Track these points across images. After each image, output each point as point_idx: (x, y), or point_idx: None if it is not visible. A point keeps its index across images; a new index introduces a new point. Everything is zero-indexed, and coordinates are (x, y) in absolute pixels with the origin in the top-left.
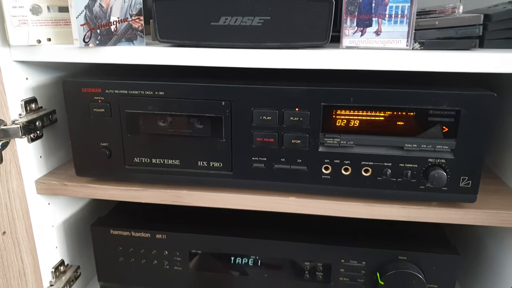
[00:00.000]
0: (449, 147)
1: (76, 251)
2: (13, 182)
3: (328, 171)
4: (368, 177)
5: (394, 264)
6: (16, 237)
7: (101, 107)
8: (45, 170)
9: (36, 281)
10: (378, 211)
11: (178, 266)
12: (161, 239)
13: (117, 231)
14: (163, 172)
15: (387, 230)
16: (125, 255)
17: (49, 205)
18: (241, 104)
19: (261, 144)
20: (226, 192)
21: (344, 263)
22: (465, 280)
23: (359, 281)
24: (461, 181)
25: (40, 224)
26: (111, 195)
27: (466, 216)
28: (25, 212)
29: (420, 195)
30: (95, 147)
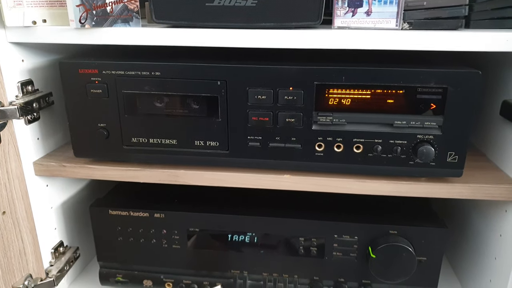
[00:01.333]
0: (436, 123)
1: (75, 233)
2: (12, 163)
3: (321, 149)
4: (359, 154)
5: (385, 238)
6: (16, 217)
7: (98, 88)
8: (42, 152)
9: (36, 260)
10: (369, 186)
11: (176, 245)
12: (159, 218)
13: (115, 212)
14: (160, 152)
15: (378, 206)
16: (124, 235)
17: (47, 187)
18: (236, 83)
19: (256, 123)
20: (223, 171)
21: (337, 238)
22: (451, 253)
23: (351, 255)
24: (448, 156)
25: (39, 205)
26: (109, 175)
27: (452, 190)
28: (24, 192)
29: (409, 170)
30: (93, 128)
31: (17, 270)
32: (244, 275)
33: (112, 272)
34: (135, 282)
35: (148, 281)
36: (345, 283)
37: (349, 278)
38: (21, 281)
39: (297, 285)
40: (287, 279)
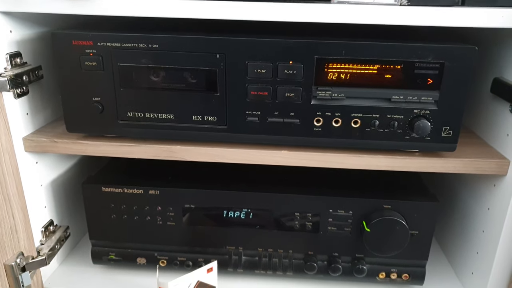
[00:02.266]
0: (433, 98)
1: (65, 212)
2: (2, 137)
3: (319, 124)
4: (357, 129)
5: (379, 212)
6: (7, 193)
7: (93, 61)
8: (31, 128)
9: (27, 238)
10: (365, 161)
11: (171, 222)
12: (154, 195)
13: (109, 189)
14: (157, 126)
15: (372, 182)
16: (117, 212)
17: (36, 164)
18: (236, 57)
19: (255, 98)
20: (220, 147)
21: (332, 212)
22: (438, 229)
23: (346, 229)
24: (443, 131)
25: (28, 183)
26: (103, 151)
27: (446, 165)
28: (14, 168)
29: (405, 145)
30: (87, 102)
31: (8, 248)
32: (239, 251)
33: (105, 251)
34: (128, 260)
35: (142, 259)
36: (339, 258)
37: (343, 252)
38: (12, 259)
39: (291, 260)
40: (282, 254)
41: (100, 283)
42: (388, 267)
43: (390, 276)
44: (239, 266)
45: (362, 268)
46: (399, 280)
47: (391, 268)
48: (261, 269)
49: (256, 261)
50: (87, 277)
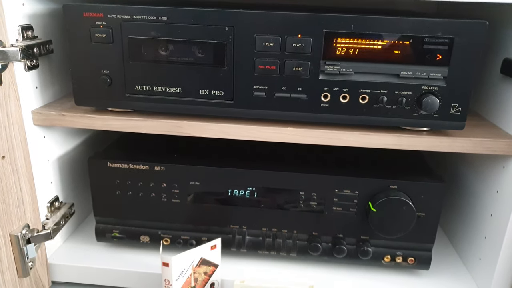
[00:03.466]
0: (442, 74)
1: (71, 189)
2: (12, 107)
3: (327, 99)
4: (365, 105)
5: (386, 192)
6: (15, 164)
7: (102, 33)
8: (41, 102)
9: (34, 211)
10: (373, 139)
11: (176, 199)
12: (159, 171)
13: (115, 164)
14: (164, 100)
15: (378, 162)
16: (123, 188)
17: (44, 139)
18: (244, 30)
19: (263, 72)
20: (226, 123)
21: (337, 192)
22: (445, 211)
23: (351, 210)
24: (452, 108)
25: (36, 157)
26: (110, 125)
27: (454, 144)
28: (23, 139)
29: (413, 122)
30: (96, 74)
31: (15, 218)
32: (243, 230)
33: (109, 228)
34: (132, 238)
35: (145, 237)
36: (344, 239)
37: (347, 234)
38: (18, 230)
39: (295, 241)
40: (286, 234)
41: (104, 260)
42: (394, 250)
43: (396, 260)
44: (243, 245)
45: (367, 250)
46: (404, 264)
47: (396, 252)
48: (264, 250)
49: (260, 241)
50: (91, 254)
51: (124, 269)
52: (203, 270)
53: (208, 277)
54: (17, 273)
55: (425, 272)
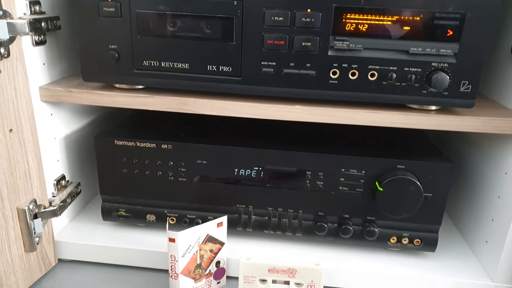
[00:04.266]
0: (452, 51)
1: (77, 168)
2: (19, 80)
3: (335, 76)
4: (373, 82)
5: (393, 172)
6: (23, 138)
7: (110, 7)
8: (48, 79)
9: (41, 187)
10: (380, 117)
11: (182, 177)
12: (166, 149)
13: (121, 142)
14: (172, 76)
15: (385, 142)
16: (129, 166)
17: (51, 116)
18: (253, 4)
19: (271, 47)
20: (233, 100)
21: (344, 172)
22: (449, 194)
23: (357, 190)
24: (462, 85)
25: (43, 134)
26: (117, 102)
27: (462, 123)
28: (30, 114)
29: (422, 100)
30: (103, 49)
31: (22, 193)
32: (249, 209)
33: (115, 207)
34: (138, 217)
35: (152, 215)
36: (350, 220)
37: (354, 214)
38: (26, 204)
39: (301, 221)
40: (292, 214)
41: (110, 238)
42: (400, 231)
43: (402, 241)
44: (249, 225)
45: (373, 231)
46: (410, 246)
47: (403, 233)
48: (270, 229)
49: (266, 221)
50: (97, 233)
51: (130, 247)
52: (209, 248)
53: (214, 254)
54: (24, 247)
55: (431, 254)
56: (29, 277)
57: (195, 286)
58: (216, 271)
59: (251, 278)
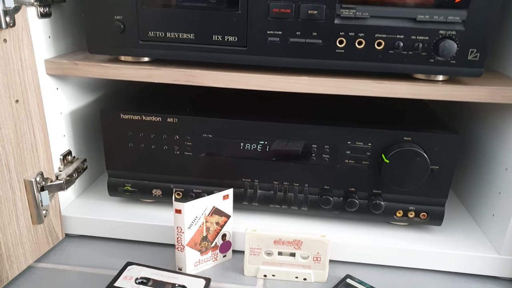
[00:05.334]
0: (460, 18)
1: (83, 145)
2: (25, 51)
3: (342, 45)
4: (380, 51)
5: (399, 144)
6: (29, 110)
7: None
8: (53, 53)
9: (47, 160)
10: (387, 88)
11: (188, 151)
12: (172, 123)
13: (127, 116)
14: (177, 47)
15: (391, 114)
16: (135, 141)
17: (57, 90)
18: None
19: (277, 16)
20: (239, 72)
21: (350, 145)
22: (457, 167)
23: (363, 163)
24: (469, 54)
25: (49, 108)
26: (123, 74)
27: (470, 93)
28: (36, 86)
29: (429, 69)
30: (109, 20)
31: (29, 165)
32: (255, 184)
33: (121, 182)
34: (144, 192)
35: (158, 190)
36: (355, 193)
37: (359, 187)
38: (32, 176)
39: (307, 195)
40: (297, 188)
41: (116, 213)
42: (406, 205)
43: (408, 215)
44: (254, 199)
45: (379, 204)
46: (416, 220)
47: (409, 206)
48: (276, 203)
49: (271, 195)
50: (104, 209)
51: (137, 222)
52: (215, 220)
53: (220, 227)
54: (31, 219)
55: (437, 229)
56: (36, 250)
57: (201, 258)
58: (222, 244)
59: (257, 250)
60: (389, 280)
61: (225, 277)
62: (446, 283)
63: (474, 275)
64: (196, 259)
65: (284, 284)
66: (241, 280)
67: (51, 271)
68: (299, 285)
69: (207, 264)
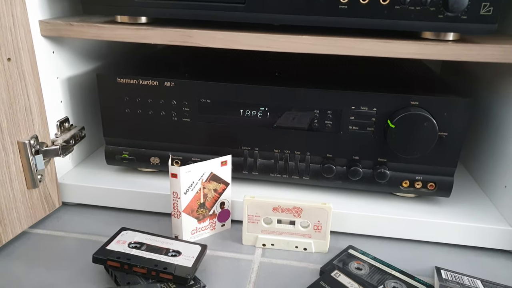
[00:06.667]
0: None
1: (81, 114)
2: (17, 8)
3: (345, 0)
4: (386, 6)
5: (406, 108)
6: (22, 69)
7: None
8: (49, 15)
9: (42, 124)
10: (394, 48)
11: (186, 118)
12: (169, 87)
13: (124, 79)
14: (173, 5)
15: (397, 78)
16: (132, 106)
17: (53, 54)
18: None
19: None
20: (237, 31)
21: (354, 110)
22: (466, 138)
23: (368, 129)
24: (482, 7)
25: (45, 71)
26: (118, 35)
27: (483, 52)
28: (30, 46)
29: (438, 26)
30: None
31: (22, 127)
32: (255, 152)
33: (118, 149)
34: (142, 160)
35: (156, 158)
36: (359, 162)
37: (364, 156)
38: (26, 138)
39: (308, 164)
40: (299, 156)
41: (114, 182)
42: (413, 174)
43: (415, 185)
44: (254, 168)
45: (384, 172)
46: (424, 190)
47: (416, 176)
48: (276, 173)
49: (272, 164)
50: (101, 177)
51: (135, 190)
52: (213, 187)
53: (218, 195)
54: (26, 183)
55: (445, 201)
56: (32, 215)
57: (199, 226)
58: (221, 213)
59: (256, 217)
60: (393, 253)
61: (223, 246)
62: (455, 257)
63: (484, 249)
64: (193, 227)
65: (284, 254)
66: (239, 249)
67: (46, 237)
68: (299, 255)
69: (204, 232)
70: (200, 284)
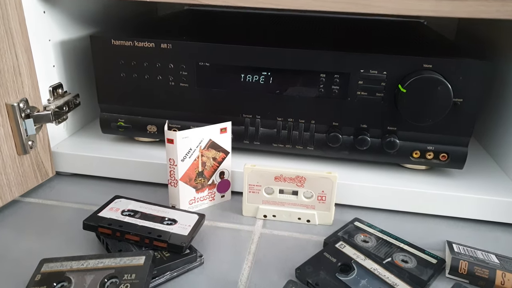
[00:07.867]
0: None
1: (76, 81)
2: None
3: None
4: None
5: (418, 72)
6: (9, 27)
7: None
8: None
9: (33, 87)
10: (407, 4)
11: (184, 83)
12: (166, 49)
13: (118, 41)
14: None
15: (409, 41)
16: (127, 70)
17: (44, 14)
18: None
19: None
20: None
21: (363, 73)
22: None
23: (378, 95)
24: None
25: (35, 33)
26: None
27: (503, 8)
28: (18, 3)
29: None
30: None
31: (11, 89)
32: (257, 120)
33: (114, 117)
34: (138, 129)
35: (152, 126)
36: (367, 130)
37: (372, 124)
38: (15, 101)
39: (313, 133)
40: (303, 125)
41: (109, 151)
42: (424, 144)
43: (426, 156)
44: (256, 138)
45: (394, 141)
46: (435, 162)
47: (427, 146)
48: (279, 143)
49: (274, 133)
50: (96, 146)
51: (131, 159)
52: (211, 155)
53: (218, 164)
54: (16, 149)
55: (458, 173)
56: (23, 183)
57: (197, 196)
58: (220, 183)
59: (256, 187)
60: (402, 227)
61: (222, 216)
62: (468, 231)
63: (499, 223)
64: (191, 197)
65: (286, 225)
66: (239, 220)
67: (38, 205)
68: (302, 227)
69: (203, 203)
70: (196, 253)
